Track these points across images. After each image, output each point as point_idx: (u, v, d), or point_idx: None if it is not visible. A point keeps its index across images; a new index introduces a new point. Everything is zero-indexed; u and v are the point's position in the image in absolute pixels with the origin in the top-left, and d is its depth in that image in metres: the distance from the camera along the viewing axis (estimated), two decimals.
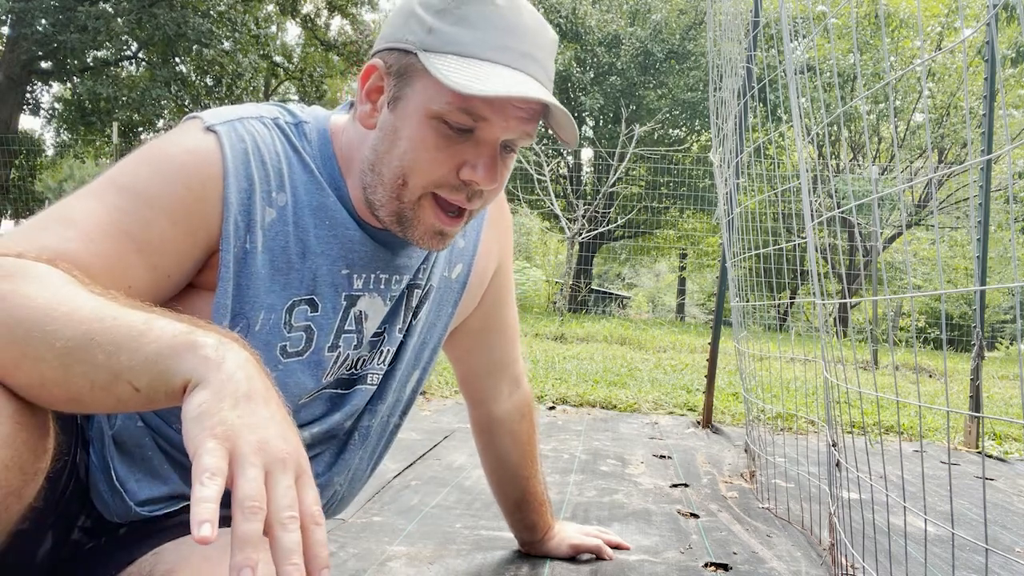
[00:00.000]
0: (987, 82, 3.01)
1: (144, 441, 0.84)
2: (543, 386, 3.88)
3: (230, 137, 0.78)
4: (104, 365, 0.58)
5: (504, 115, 0.76)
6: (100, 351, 0.58)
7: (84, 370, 0.58)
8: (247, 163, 0.79)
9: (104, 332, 0.58)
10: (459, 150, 0.77)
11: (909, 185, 12.42)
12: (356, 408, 0.93)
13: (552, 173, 12.73)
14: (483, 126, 0.76)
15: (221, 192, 0.77)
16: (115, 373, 0.58)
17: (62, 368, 0.58)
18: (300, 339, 0.85)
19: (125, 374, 0.57)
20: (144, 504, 0.83)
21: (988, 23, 2.08)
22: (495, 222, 1.06)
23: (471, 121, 0.76)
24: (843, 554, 1.40)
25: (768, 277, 2.66)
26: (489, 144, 0.77)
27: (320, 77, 18.35)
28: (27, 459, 0.64)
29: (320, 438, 0.91)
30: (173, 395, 0.57)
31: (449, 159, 0.77)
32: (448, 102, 0.75)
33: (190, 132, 0.79)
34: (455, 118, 0.75)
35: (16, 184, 14.53)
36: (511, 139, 0.79)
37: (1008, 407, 4.90)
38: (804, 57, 1.91)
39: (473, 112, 0.75)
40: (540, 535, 1.38)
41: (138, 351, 0.58)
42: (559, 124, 0.79)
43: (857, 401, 2.44)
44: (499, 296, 1.13)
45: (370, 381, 0.94)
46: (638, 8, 18.49)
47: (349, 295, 0.87)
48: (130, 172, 0.76)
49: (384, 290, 0.90)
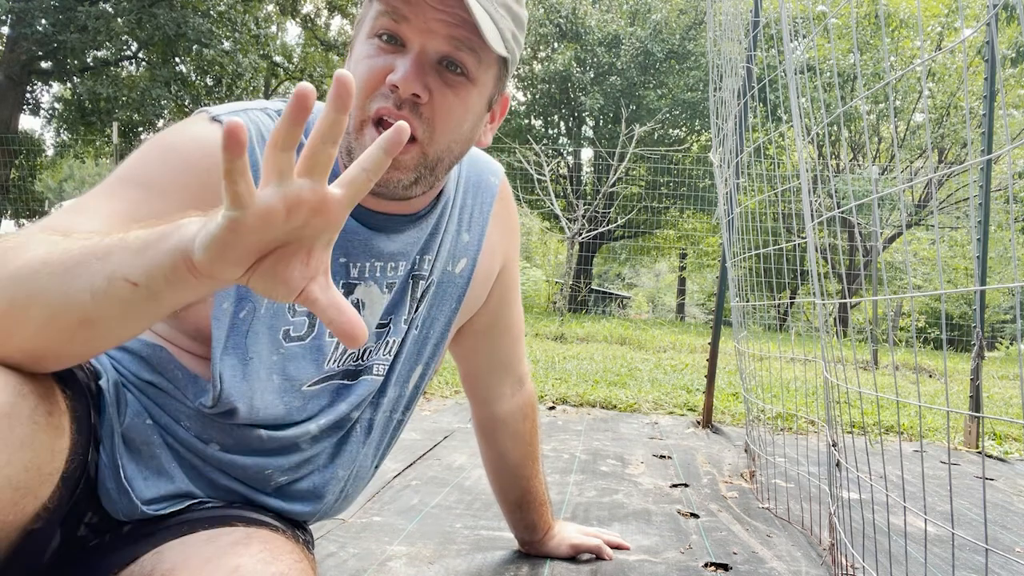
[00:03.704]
0: (987, 82, 3.01)
1: (152, 439, 0.84)
2: (543, 386, 3.88)
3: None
4: (99, 271, 0.58)
5: (423, 15, 0.76)
6: (94, 258, 0.58)
7: (81, 284, 0.58)
8: (251, 151, 0.80)
9: (96, 245, 0.59)
10: (390, 59, 0.78)
11: (909, 185, 12.42)
12: (361, 399, 0.94)
13: (552, 173, 12.74)
14: (406, 30, 0.77)
15: None
16: (109, 274, 0.57)
17: (63, 285, 0.59)
18: (303, 324, 0.86)
19: (120, 271, 0.57)
20: (150, 503, 0.83)
21: (988, 23, 2.08)
22: (501, 219, 1.05)
23: (393, 23, 0.77)
24: (843, 554, 1.41)
25: (768, 277, 2.66)
26: (416, 51, 0.77)
27: (320, 77, 18.35)
28: (44, 459, 0.64)
29: (326, 429, 0.92)
30: (176, 275, 0.56)
31: (380, 67, 0.78)
32: (377, 11, 0.77)
33: (196, 123, 0.81)
34: (380, 24, 0.77)
35: (16, 184, 14.54)
36: (444, 51, 0.77)
37: (1008, 407, 4.90)
38: (804, 57, 1.91)
39: (395, 11, 0.76)
40: (540, 535, 1.39)
41: (127, 248, 0.58)
42: (484, 29, 0.76)
43: (857, 401, 2.44)
44: (505, 295, 1.13)
45: (376, 372, 0.95)
46: (638, 8, 18.49)
47: (346, 283, 0.88)
48: (138, 164, 0.77)
49: (380, 278, 0.90)
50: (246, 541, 0.77)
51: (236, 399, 0.82)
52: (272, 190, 0.52)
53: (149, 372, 0.85)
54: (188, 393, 0.84)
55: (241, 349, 0.82)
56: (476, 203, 1.01)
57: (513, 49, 0.82)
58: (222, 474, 0.88)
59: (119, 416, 0.83)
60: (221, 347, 0.81)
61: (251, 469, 0.88)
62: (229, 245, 0.52)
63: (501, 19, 0.78)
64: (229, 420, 0.84)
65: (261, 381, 0.84)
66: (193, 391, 0.83)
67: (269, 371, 0.85)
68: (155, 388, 0.85)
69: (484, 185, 1.03)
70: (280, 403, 0.86)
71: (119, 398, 0.84)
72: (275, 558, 0.75)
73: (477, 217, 1.01)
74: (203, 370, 0.84)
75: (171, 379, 0.84)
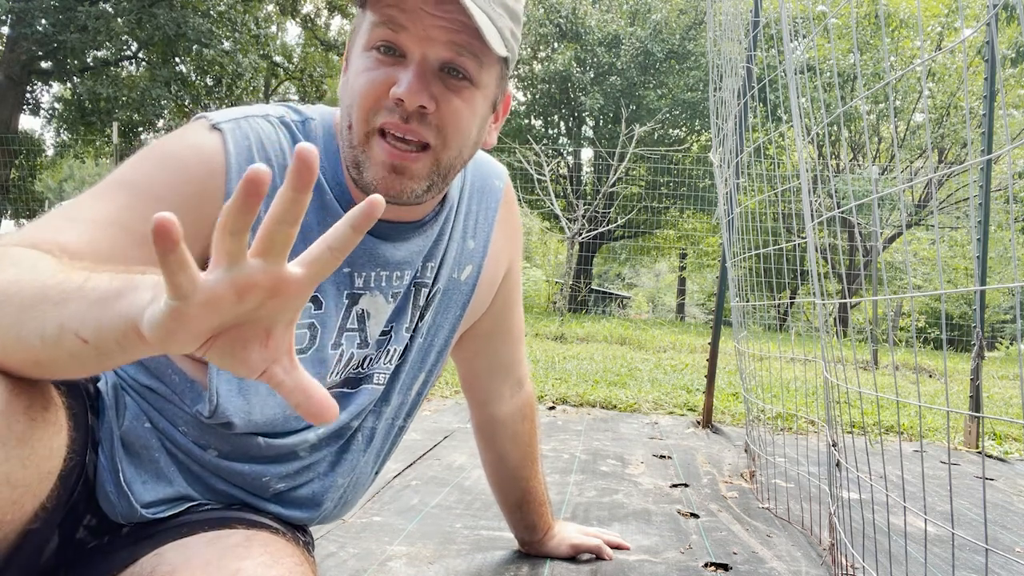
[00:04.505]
0: (987, 82, 3.01)
1: (151, 443, 0.84)
2: (543, 386, 3.88)
3: (234, 134, 0.79)
4: (52, 319, 0.55)
5: (421, 23, 0.74)
6: (50, 304, 0.55)
7: (32, 328, 0.56)
8: (251, 159, 0.79)
9: (55, 286, 0.56)
10: (391, 71, 0.76)
11: (909, 185, 12.42)
12: (362, 408, 0.93)
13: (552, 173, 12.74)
14: (405, 39, 0.75)
15: (224, 188, 0.77)
16: (60, 324, 0.54)
17: (16, 326, 0.56)
18: (304, 336, 0.85)
19: (71, 324, 0.54)
20: (149, 506, 0.83)
21: (988, 23, 2.08)
22: (505, 224, 1.05)
23: (392, 33, 0.75)
24: (843, 554, 1.41)
25: (768, 277, 2.66)
26: (416, 61, 0.76)
27: (320, 77, 18.35)
28: (42, 456, 0.64)
29: (325, 437, 0.92)
30: (127, 341, 0.52)
31: (382, 81, 0.76)
32: (371, 22, 0.76)
33: (195, 130, 0.80)
34: (378, 35, 0.76)
35: (16, 184, 14.54)
36: (445, 57, 0.76)
37: (1008, 407, 4.90)
38: (804, 57, 1.91)
39: (392, 20, 0.75)
40: (540, 535, 1.39)
41: (84, 297, 0.54)
42: (485, 32, 0.75)
43: (857, 401, 2.44)
44: (508, 299, 1.13)
45: (376, 381, 0.94)
46: (638, 8, 18.49)
47: (351, 293, 0.87)
48: (135, 170, 0.77)
49: (386, 287, 0.90)
50: (247, 544, 0.77)
51: (232, 414, 0.82)
52: (220, 274, 0.47)
53: (147, 376, 0.85)
54: (185, 399, 0.83)
55: None
56: (481, 208, 1.00)
57: (513, 47, 0.81)
58: (220, 480, 0.88)
59: (118, 419, 0.83)
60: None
61: (249, 476, 0.87)
62: (173, 331, 0.48)
63: (499, 18, 0.77)
64: (226, 430, 0.84)
65: (260, 396, 0.84)
66: (190, 397, 0.83)
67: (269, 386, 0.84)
68: (153, 392, 0.84)
69: (489, 189, 1.02)
70: (279, 412, 0.86)
71: (118, 401, 0.84)
72: (276, 561, 0.75)
73: (482, 223, 1.00)
74: (200, 376, 0.83)
75: (168, 384, 0.84)
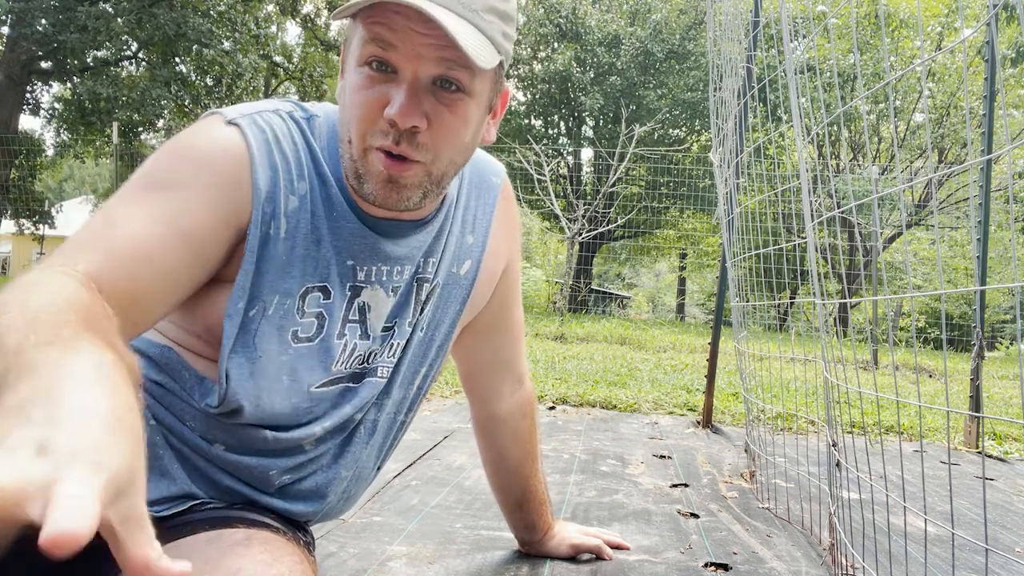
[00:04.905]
0: (987, 82, 3.01)
1: (155, 439, 0.84)
2: (543, 386, 3.88)
3: (252, 128, 0.81)
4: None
5: (410, 42, 0.74)
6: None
7: None
8: (270, 152, 0.81)
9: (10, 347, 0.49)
10: (384, 89, 0.76)
11: (909, 185, 12.42)
12: (365, 401, 0.94)
13: (552, 173, 12.74)
14: (396, 58, 0.75)
15: (251, 179, 0.79)
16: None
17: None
18: (311, 325, 0.86)
19: None
20: (151, 505, 0.83)
21: (988, 23, 2.08)
22: (503, 219, 1.05)
23: (382, 51, 0.75)
24: (843, 554, 1.41)
25: (768, 277, 2.66)
26: (407, 79, 0.76)
27: (320, 77, 18.36)
28: None
29: (330, 430, 0.92)
30: None
31: (376, 100, 0.76)
32: (362, 37, 0.76)
33: (213, 126, 0.81)
34: (368, 52, 0.76)
35: (16, 184, 14.54)
36: (437, 73, 0.76)
37: (1008, 407, 4.90)
38: (804, 57, 1.91)
39: (381, 39, 0.75)
40: (540, 535, 1.39)
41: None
42: (471, 53, 0.73)
43: (857, 401, 2.44)
44: (507, 295, 1.14)
45: (380, 374, 0.95)
46: (638, 8, 18.50)
47: (353, 286, 0.88)
48: (162, 168, 0.77)
49: (386, 282, 0.91)
50: (247, 543, 0.77)
51: (242, 397, 0.82)
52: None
53: (156, 372, 0.85)
54: (195, 394, 0.84)
55: (249, 348, 0.83)
56: (479, 204, 1.02)
57: (507, 49, 0.81)
58: (225, 474, 0.88)
59: None
60: (230, 345, 0.81)
61: (255, 469, 0.88)
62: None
63: (489, 25, 0.77)
64: (234, 420, 0.85)
65: (269, 380, 0.84)
66: (200, 392, 0.84)
67: (278, 371, 0.85)
68: (161, 388, 0.85)
69: (486, 186, 1.03)
70: (287, 404, 0.86)
71: None
72: (276, 560, 0.75)
73: (481, 219, 1.01)
74: (211, 372, 0.84)
75: (178, 380, 0.85)
